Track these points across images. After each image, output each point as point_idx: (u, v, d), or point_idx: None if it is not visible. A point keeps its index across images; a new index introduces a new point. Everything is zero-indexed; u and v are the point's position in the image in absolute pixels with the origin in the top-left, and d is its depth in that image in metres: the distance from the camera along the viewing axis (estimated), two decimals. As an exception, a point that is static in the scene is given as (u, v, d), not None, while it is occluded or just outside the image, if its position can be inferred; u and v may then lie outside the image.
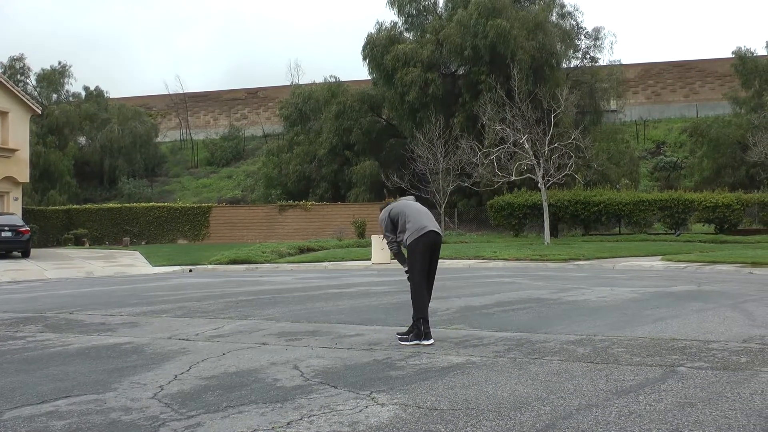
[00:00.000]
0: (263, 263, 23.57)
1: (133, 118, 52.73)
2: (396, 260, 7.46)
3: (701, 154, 40.31)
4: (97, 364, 6.38)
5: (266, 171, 45.34)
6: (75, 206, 41.64)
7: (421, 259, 7.07)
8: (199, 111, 63.81)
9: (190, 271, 22.34)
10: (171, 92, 62.90)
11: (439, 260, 7.39)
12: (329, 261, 23.39)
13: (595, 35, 40.61)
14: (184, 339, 7.70)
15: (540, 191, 27.73)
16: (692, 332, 7.45)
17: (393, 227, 7.27)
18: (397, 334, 7.32)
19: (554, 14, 39.58)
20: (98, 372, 6.03)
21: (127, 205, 41.09)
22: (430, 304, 7.34)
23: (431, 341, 6.93)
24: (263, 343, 7.28)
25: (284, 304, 10.94)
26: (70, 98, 54.43)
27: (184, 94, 62.81)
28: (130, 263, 24.74)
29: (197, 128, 62.23)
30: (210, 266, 23.35)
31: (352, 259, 23.63)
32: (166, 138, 60.60)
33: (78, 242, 37.75)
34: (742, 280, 14.12)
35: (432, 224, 7.18)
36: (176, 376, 5.76)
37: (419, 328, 6.96)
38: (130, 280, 18.19)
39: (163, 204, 40.82)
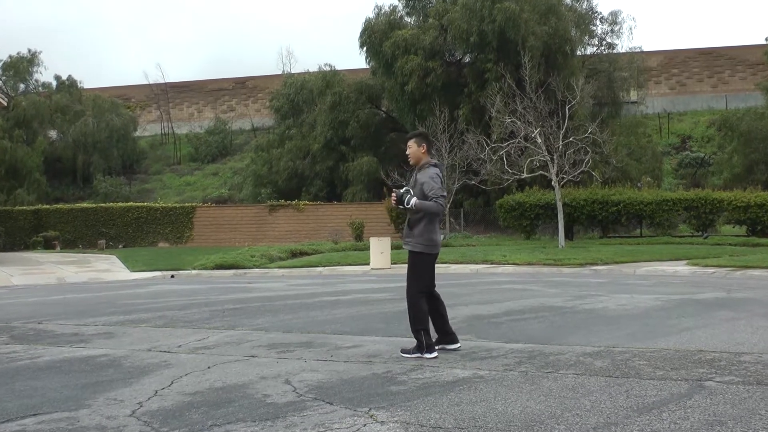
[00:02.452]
0: (252, 268, 23.58)
1: (109, 111, 52.73)
2: (417, 211, 6.93)
3: (731, 149, 40.26)
4: (69, 379, 6.36)
5: (255, 168, 45.36)
6: (45, 206, 41.66)
7: (428, 269, 7.14)
8: (182, 102, 63.79)
9: (172, 276, 22.32)
10: (151, 82, 62.94)
11: (444, 265, 7.39)
12: (324, 266, 23.40)
13: (613, 19, 40.66)
14: (165, 351, 7.69)
15: (553, 190, 27.71)
16: (721, 343, 7.44)
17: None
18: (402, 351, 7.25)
19: (568, -4, 39.64)
20: (70, 387, 6.02)
21: (102, 205, 41.12)
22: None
23: (435, 354, 6.93)
24: (252, 356, 7.27)
25: (275, 313, 10.93)
26: (40, 88, 54.43)
27: (166, 84, 62.79)
28: (106, 268, 24.72)
29: (180, 121, 62.24)
30: (194, 271, 23.35)
31: (349, 264, 23.66)
32: (145, 132, 60.60)
33: (48, 245, 37.72)
34: (774, 286, 14.11)
35: (439, 236, 7.33)
36: (157, 392, 5.74)
37: (420, 340, 6.97)
38: (106, 287, 18.18)
39: (142, 204, 40.84)
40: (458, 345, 7.28)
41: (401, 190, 7.00)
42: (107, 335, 9.00)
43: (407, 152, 7.31)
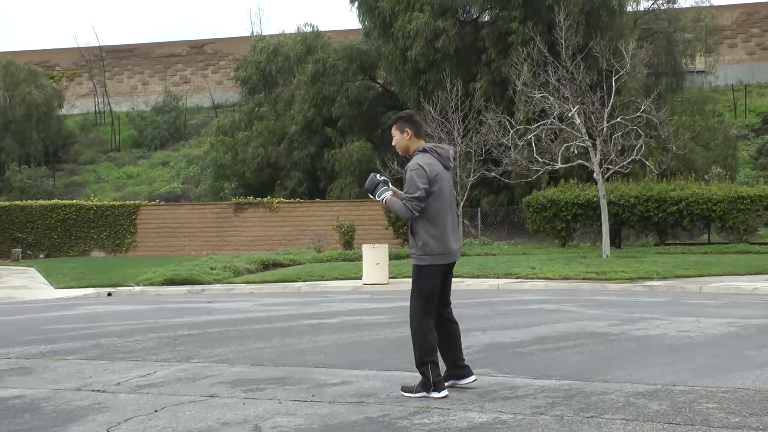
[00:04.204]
0: (212, 284, 23.67)
1: (26, 81, 52.55)
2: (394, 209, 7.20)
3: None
4: (-23, 426, 6.33)
5: (216, 156, 45.32)
6: (-58, 205, 41.52)
7: (434, 285, 7.12)
8: (122, 72, 63.76)
9: (110, 294, 22.33)
10: (82, 46, 62.89)
11: (457, 279, 7.36)
12: (304, 280, 23.48)
13: (674, -34, 40.66)
14: (99, 390, 7.67)
15: (596, 184, 27.69)
16: (812, 380, 7.44)
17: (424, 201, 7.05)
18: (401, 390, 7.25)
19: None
20: (-22, 436, 5.99)
21: (18, 203, 40.99)
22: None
23: (445, 393, 6.93)
24: (212, 395, 7.27)
25: (241, 341, 10.93)
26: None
27: (101, 48, 62.75)
28: (22, 285, 24.69)
29: (119, 96, 62.19)
30: (137, 288, 23.38)
31: (336, 278, 23.73)
32: (74, 109, 60.57)
33: (-51, 255, 37.64)
34: None
35: (457, 240, 7.24)
36: (88, 442, 5.72)
37: (427, 376, 6.97)
38: (23, 309, 18.13)
39: (70, 202, 40.74)
40: (473, 379, 7.25)
41: (378, 176, 7.18)
42: (23, 371, 8.97)
43: (393, 143, 7.48)
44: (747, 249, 27.86)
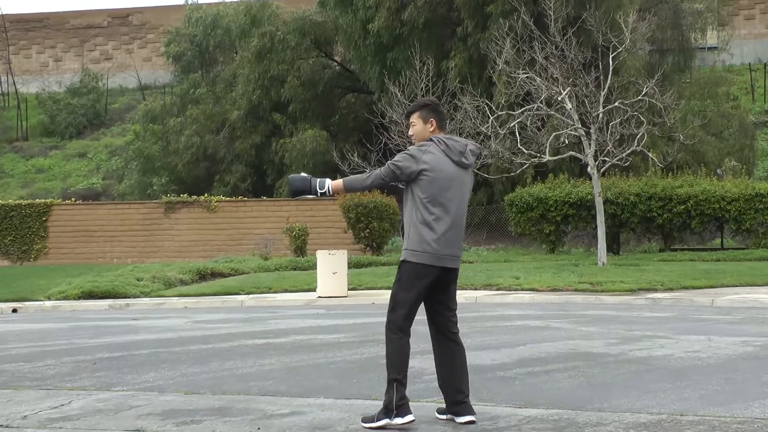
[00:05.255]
0: (139, 297, 23.52)
1: None
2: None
3: None
4: None
5: (143, 146, 45.04)
6: None
7: (411, 291, 7.08)
8: (30, 46, 63.27)
9: (15, 311, 22.22)
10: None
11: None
12: (248, 293, 23.43)
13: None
14: (2, 425, 7.60)
15: (590, 179, 27.81)
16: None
17: (398, 177, 7.15)
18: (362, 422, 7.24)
19: None
20: None
21: None
22: (418, 364, 7.28)
23: (410, 418, 6.92)
24: (138, 429, 7.24)
25: (174, 364, 10.90)
26: None
27: (4, 17, 62.18)
28: None
29: (27, 74, 61.66)
30: (49, 303, 23.21)
31: (286, 290, 23.70)
32: (-27, 91, 60.10)
33: None
34: None
35: (453, 247, 7.14)
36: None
37: (390, 397, 6.93)
38: None
39: (-32, 200, 40.35)
40: (470, 418, 7.15)
41: (308, 177, 7.46)
42: None
43: (410, 132, 7.45)
44: (766, 255, 28.04)
